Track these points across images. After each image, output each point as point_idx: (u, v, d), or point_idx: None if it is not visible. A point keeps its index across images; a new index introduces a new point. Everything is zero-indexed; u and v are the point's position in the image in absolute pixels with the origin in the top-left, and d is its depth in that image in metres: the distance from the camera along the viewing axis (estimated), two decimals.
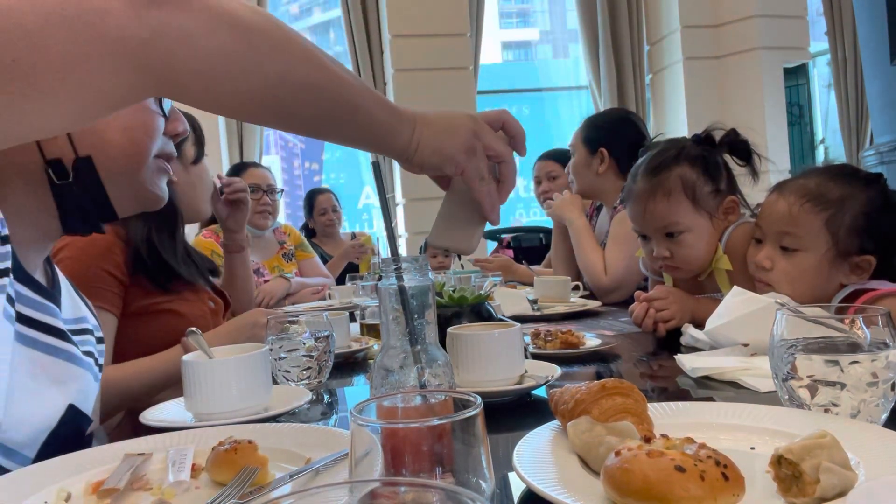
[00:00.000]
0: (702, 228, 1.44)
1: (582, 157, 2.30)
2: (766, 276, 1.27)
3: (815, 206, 1.21)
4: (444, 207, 0.90)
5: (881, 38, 4.42)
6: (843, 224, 1.19)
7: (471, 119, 0.83)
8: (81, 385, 0.89)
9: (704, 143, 1.49)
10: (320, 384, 1.15)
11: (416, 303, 0.68)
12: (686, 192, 1.43)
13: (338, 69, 0.71)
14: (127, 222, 1.44)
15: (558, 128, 6.60)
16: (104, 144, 0.88)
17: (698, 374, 1.02)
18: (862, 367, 0.69)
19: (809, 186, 1.23)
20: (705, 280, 1.49)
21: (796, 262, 1.23)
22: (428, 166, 0.81)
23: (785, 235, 1.24)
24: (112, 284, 1.38)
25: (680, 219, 1.43)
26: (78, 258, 1.36)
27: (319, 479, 0.67)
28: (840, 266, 1.21)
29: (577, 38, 6.25)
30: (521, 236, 4.05)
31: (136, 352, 1.35)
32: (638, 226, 1.51)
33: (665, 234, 1.45)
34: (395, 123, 0.77)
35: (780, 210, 1.25)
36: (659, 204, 1.43)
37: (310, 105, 0.69)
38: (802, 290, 1.20)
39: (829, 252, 1.20)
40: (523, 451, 0.66)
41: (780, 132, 5.76)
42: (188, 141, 1.60)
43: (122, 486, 0.68)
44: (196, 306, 1.52)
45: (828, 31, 5.94)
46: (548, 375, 0.99)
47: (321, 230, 3.91)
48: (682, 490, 0.51)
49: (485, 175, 0.83)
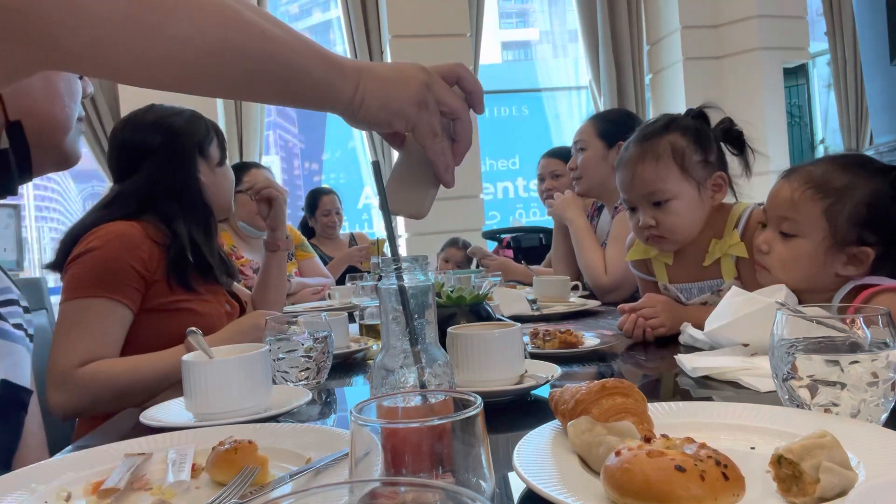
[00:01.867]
0: (689, 197, 1.45)
1: (597, 150, 2.29)
2: (763, 259, 1.28)
3: (816, 193, 1.21)
4: (395, 169, 0.84)
5: (881, 39, 4.42)
6: (842, 213, 1.18)
7: (422, 71, 0.76)
8: (15, 359, 0.89)
9: (698, 118, 1.51)
10: (318, 385, 1.15)
11: (416, 303, 0.68)
12: (675, 158, 1.44)
13: (265, 25, 0.65)
14: (171, 223, 1.50)
15: (558, 128, 6.60)
16: (32, 111, 0.89)
17: (698, 373, 1.02)
18: (862, 366, 0.69)
19: (815, 173, 1.23)
20: (710, 266, 1.48)
21: (792, 247, 1.23)
22: (375, 122, 0.74)
23: (784, 220, 1.24)
24: (134, 280, 1.41)
25: (668, 185, 1.44)
26: (106, 248, 1.40)
27: (319, 479, 0.67)
28: (836, 256, 1.20)
29: (576, 38, 6.25)
30: (521, 236, 4.04)
31: (148, 348, 1.38)
32: (626, 193, 1.50)
33: (652, 202, 1.46)
34: (336, 78, 0.70)
35: (783, 195, 1.25)
36: (647, 168, 1.44)
37: (230, 67, 0.64)
38: (796, 275, 1.20)
39: (825, 240, 1.19)
40: (523, 451, 0.66)
41: (779, 132, 5.76)
42: (213, 144, 1.64)
43: (122, 486, 0.68)
44: (213, 307, 1.55)
45: (827, 32, 5.94)
46: (548, 375, 0.99)
47: (321, 231, 3.89)
48: (683, 490, 0.51)
49: (438, 132, 0.77)
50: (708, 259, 1.47)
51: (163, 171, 1.54)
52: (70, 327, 1.35)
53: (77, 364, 1.30)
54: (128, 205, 1.50)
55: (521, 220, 6.94)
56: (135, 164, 1.55)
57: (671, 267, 1.55)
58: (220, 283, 1.59)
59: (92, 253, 1.39)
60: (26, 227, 4.93)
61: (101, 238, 1.41)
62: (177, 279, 1.47)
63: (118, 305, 1.37)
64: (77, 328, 1.34)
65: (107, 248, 1.39)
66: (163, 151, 1.54)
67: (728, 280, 1.44)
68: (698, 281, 1.50)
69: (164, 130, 1.56)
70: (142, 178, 1.53)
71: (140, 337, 1.42)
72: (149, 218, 1.49)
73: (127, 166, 1.57)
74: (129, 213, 1.48)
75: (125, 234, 1.42)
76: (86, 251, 1.40)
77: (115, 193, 1.55)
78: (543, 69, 6.83)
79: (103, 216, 1.48)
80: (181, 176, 1.55)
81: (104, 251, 1.39)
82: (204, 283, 1.53)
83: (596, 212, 2.51)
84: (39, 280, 2.40)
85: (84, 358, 1.32)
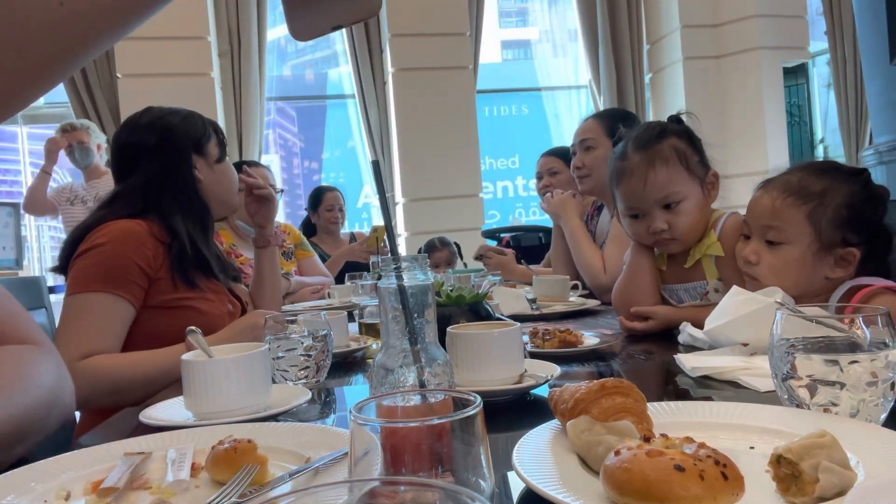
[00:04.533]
0: (696, 196, 1.48)
1: (607, 149, 2.27)
2: (752, 270, 1.29)
3: (797, 199, 1.23)
4: None
5: (881, 38, 4.42)
6: (824, 216, 1.21)
7: None
8: None
9: (680, 122, 1.55)
10: (318, 384, 1.15)
11: (416, 302, 0.68)
12: (680, 160, 1.46)
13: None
14: (169, 220, 1.51)
15: (558, 127, 6.60)
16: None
17: (698, 373, 1.02)
18: (861, 366, 0.69)
19: (792, 181, 1.26)
20: (691, 269, 1.50)
21: (781, 255, 1.25)
22: None
23: (769, 229, 1.26)
24: (138, 276, 1.42)
25: (679, 187, 1.46)
26: (111, 244, 1.41)
27: (319, 479, 0.67)
28: (824, 258, 1.23)
29: (576, 38, 6.25)
30: (521, 235, 4.05)
31: (150, 345, 1.38)
32: (634, 201, 1.50)
33: (663, 205, 1.47)
34: None
35: (764, 205, 1.28)
36: (659, 172, 1.45)
37: None
38: (788, 282, 1.22)
39: (812, 244, 1.22)
40: (523, 451, 0.66)
41: (779, 132, 5.77)
42: (211, 141, 1.66)
43: (121, 486, 0.68)
44: (216, 306, 1.56)
45: (827, 31, 5.94)
46: (547, 375, 0.99)
47: (324, 226, 3.88)
48: (682, 489, 0.51)
49: None
50: (689, 261, 1.50)
51: (158, 168, 1.55)
52: (72, 320, 1.36)
53: (78, 357, 1.31)
54: (132, 204, 1.52)
55: (521, 220, 6.94)
56: (133, 164, 1.57)
57: (662, 271, 1.56)
58: (219, 279, 1.60)
59: (97, 248, 1.41)
60: (25, 225, 4.92)
61: (106, 234, 1.42)
62: (180, 276, 1.48)
63: (121, 301, 1.39)
64: (79, 321, 1.36)
65: (112, 245, 1.41)
66: (158, 149, 1.56)
67: (711, 280, 1.46)
68: (683, 283, 1.52)
69: (160, 129, 1.57)
70: (140, 177, 1.55)
71: (142, 334, 1.43)
72: (153, 217, 1.51)
73: (126, 167, 1.58)
74: (134, 211, 1.50)
75: (131, 231, 1.44)
76: (91, 247, 1.41)
77: (115, 193, 1.57)
78: (543, 68, 6.82)
79: (105, 215, 1.49)
80: (176, 173, 1.57)
81: (109, 247, 1.41)
82: (206, 279, 1.55)
83: (596, 211, 2.51)
84: (39, 279, 2.41)
85: (85, 351, 1.33)
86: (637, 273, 1.55)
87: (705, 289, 1.48)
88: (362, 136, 5.89)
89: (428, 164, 5.46)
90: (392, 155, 5.67)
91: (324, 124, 6.97)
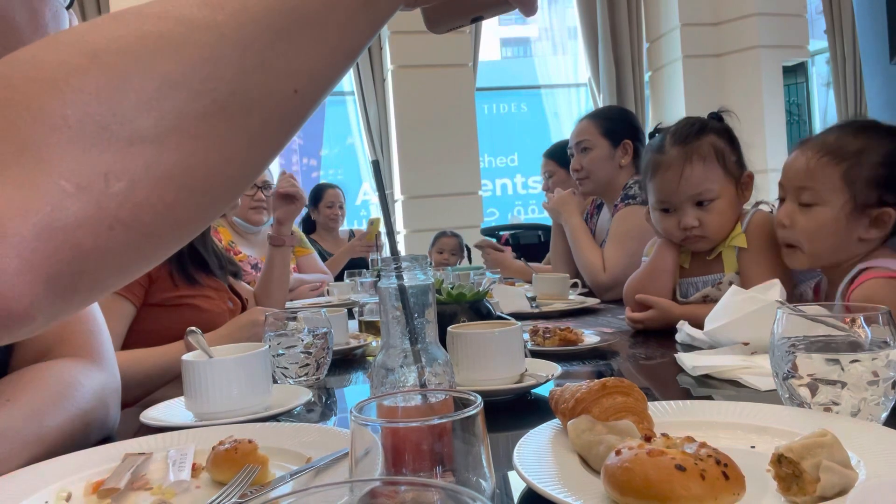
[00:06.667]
0: (731, 196, 1.47)
1: (604, 150, 2.29)
2: (786, 235, 1.28)
3: (832, 159, 1.21)
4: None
5: (881, 37, 4.41)
6: (860, 176, 1.19)
7: None
8: None
9: (720, 120, 1.55)
10: (318, 381, 1.15)
11: (416, 302, 0.68)
12: (718, 158, 1.46)
13: None
14: None
15: (557, 125, 6.59)
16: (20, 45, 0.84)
17: (698, 372, 1.02)
18: (862, 365, 0.69)
19: (829, 140, 1.24)
20: (713, 261, 1.50)
21: (814, 216, 1.23)
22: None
23: (803, 191, 1.24)
24: None
25: (714, 185, 1.45)
26: None
27: (320, 479, 0.67)
28: (859, 219, 1.21)
29: (576, 36, 6.25)
30: (520, 233, 4.05)
31: (150, 343, 1.38)
32: (667, 195, 1.49)
33: (696, 202, 1.46)
34: None
35: (798, 165, 1.26)
36: (696, 168, 1.45)
37: None
38: (822, 246, 1.21)
39: (846, 205, 1.20)
40: (523, 450, 0.66)
41: (778, 130, 5.77)
42: None
43: (122, 486, 0.68)
44: (216, 304, 1.56)
45: (827, 30, 5.93)
46: (548, 374, 0.99)
47: (324, 223, 3.88)
48: (683, 489, 0.51)
49: None
50: (713, 253, 1.49)
51: None
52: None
53: None
54: None
55: (520, 217, 6.94)
56: None
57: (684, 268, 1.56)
58: (217, 276, 1.60)
59: None
60: None
61: None
62: (180, 273, 1.48)
63: (121, 299, 1.39)
64: None
65: None
66: None
67: (729, 273, 1.45)
68: (703, 275, 1.51)
69: None
70: None
71: (143, 332, 1.43)
72: None
73: None
74: None
75: None
76: None
77: None
78: (542, 66, 6.81)
79: None
80: None
81: None
82: (206, 276, 1.55)
83: (595, 210, 2.51)
84: None
85: None
86: (657, 272, 1.53)
87: (720, 280, 1.47)
88: (361, 133, 5.89)
89: (427, 161, 5.45)
90: (391, 152, 5.67)
91: (322, 121, 6.96)
